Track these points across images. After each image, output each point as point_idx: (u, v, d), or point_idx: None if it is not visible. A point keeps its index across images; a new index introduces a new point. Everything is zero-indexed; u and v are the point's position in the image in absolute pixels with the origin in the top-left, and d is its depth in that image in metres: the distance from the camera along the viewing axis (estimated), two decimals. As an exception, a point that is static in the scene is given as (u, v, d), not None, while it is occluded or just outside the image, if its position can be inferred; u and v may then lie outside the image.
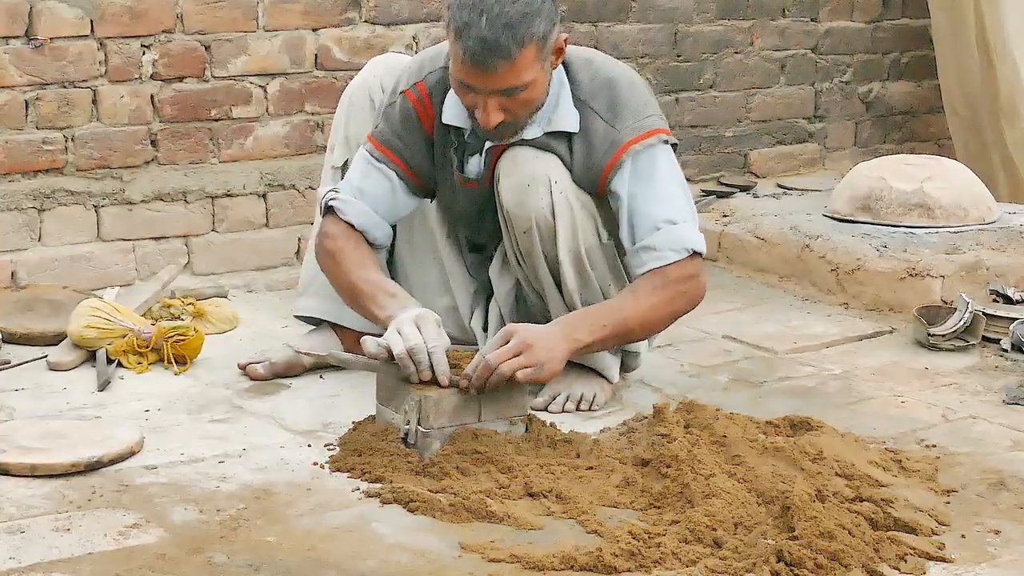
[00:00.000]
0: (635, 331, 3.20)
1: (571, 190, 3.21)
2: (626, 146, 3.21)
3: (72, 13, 3.96)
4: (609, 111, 3.22)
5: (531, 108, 3.15)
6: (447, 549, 2.56)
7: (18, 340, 3.65)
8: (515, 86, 3.05)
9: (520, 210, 3.20)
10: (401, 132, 3.32)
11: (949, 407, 3.38)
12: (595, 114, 3.22)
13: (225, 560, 2.49)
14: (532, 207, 3.19)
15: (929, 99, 5.63)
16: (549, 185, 3.18)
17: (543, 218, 3.19)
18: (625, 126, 3.21)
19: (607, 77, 3.26)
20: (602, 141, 3.21)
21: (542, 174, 3.18)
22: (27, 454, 2.87)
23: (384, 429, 2.98)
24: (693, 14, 5.07)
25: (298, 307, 3.60)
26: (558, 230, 3.20)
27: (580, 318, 3.16)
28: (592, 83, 3.25)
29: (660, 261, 3.19)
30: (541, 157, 3.21)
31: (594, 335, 3.12)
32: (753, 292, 4.37)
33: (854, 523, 2.61)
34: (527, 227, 3.21)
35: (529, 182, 3.18)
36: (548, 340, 3.04)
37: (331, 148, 3.57)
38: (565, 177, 3.21)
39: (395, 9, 4.42)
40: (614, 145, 3.20)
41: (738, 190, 4.99)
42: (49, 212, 4.01)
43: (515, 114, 3.13)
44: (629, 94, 3.25)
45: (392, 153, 3.32)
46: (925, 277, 4.12)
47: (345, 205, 3.30)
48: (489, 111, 3.08)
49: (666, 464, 2.81)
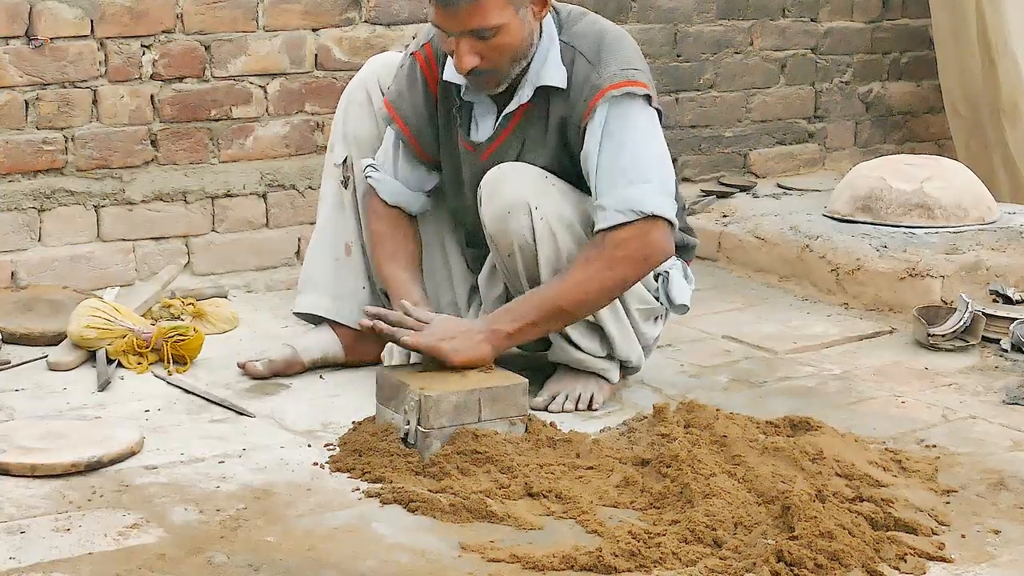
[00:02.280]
0: (568, 309, 3.15)
1: (553, 213, 3.18)
2: (604, 91, 3.15)
3: (72, 13, 3.96)
4: (594, 55, 3.19)
5: (508, 55, 3.13)
6: (447, 549, 2.56)
7: (18, 340, 3.65)
8: (483, 27, 3.07)
9: (502, 236, 3.20)
10: (407, 93, 3.37)
11: (949, 407, 3.38)
12: (581, 56, 3.19)
13: (225, 560, 2.49)
14: (513, 233, 3.18)
15: (929, 99, 5.63)
16: (529, 212, 3.16)
17: (525, 244, 3.18)
18: (608, 72, 3.17)
19: (600, 27, 3.26)
20: (583, 85, 3.18)
21: (521, 201, 3.16)
22: (27, 454, 2.87)
23: (384, 429, 2.98)
24: (693, 14, 5.06)
25: (296, 304, 3.61)
26: (539, 253, 3.19)
27: (502, 311, 3.17)
28: (582, 28, 3.24)
29: (605, 222, 3.13)
30: (522, 178, 3.18)
31: (516, 323, 3.12)
32: (753, 292, 4.37)
33: (854, 523, 2.61)
34: (509, 251, 3.21)
35: (509, 209, 3.17)
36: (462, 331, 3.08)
37: (331, 146, 3.59)
38: (547, 199, 3.18)
39: (395, 9, 4.42)
40: (594, 89, 3.16)
41: (738, 190, 4.99)
42: (49, 212, 4.01)
43: (492, 60, 3.12)
44: (618, 44, 3.22)
45: (399, 117, 3.38)
46: (925, 277, 4.12)
47: (380, 184, 3.40)
48: (462, 54, 3.10)
49: (666, 464, 2.81)
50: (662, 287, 3.38)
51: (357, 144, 3.52)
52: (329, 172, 3.59)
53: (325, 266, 3.57)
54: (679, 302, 3.37)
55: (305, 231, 4.30)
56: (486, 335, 3.08)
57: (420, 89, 3.36)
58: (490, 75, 3.16)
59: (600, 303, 3.21)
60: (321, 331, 3.56)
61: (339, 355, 3.54)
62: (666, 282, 3.37)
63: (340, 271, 3.56)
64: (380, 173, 3.41)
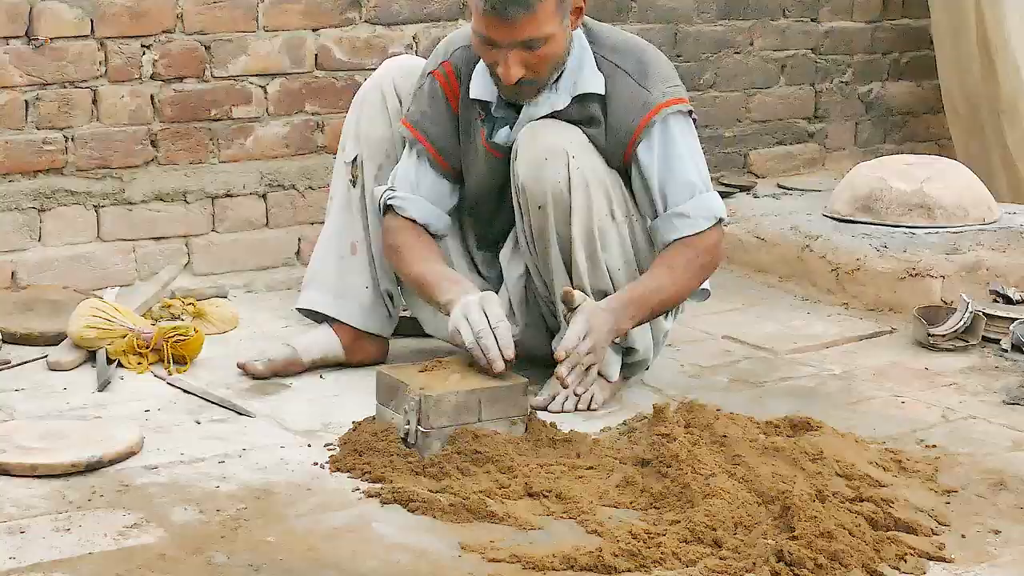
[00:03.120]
0: (668, 307, 3.33)
1: (588, 166, 3.21)
2: (658, 108, 3.24)
3: (72, 13, 3.96)
4: (639, 73, 3.26)
5: (552, 64, 3.18)
6: (447, 549, 2.56)
7: (18, 340, 3.65)
8: (535, 38, 3.10)
9: (536, 184, 3.21)
10: (429, 112, 3.39)
11: (949, 407, 3.38)
12: (624, 73, 3.26)
13: (225, 560, 2.49)
14: (548, 180, 3.19)
15: (929, 99, 5.63)
16: (567, 159, 3.19)
17: (558, 192, 3.20)
18: (657, 89, 3.25)
19: (635, 42, 3.33)
20: (632, 101, 3.24)
21: (560, 148, 3.19)
22: (27, 454, 2.86)
23: (384, 429, 2.98)
24: (693, 14, 5.06)
25: (299, 300, 3.62)
26: (573, 205, 3.20)
27: (626, 305, 3.23)
28: (620, 44, 3.31)
29: (693, 228, 3.27)
30: (561, 130, 3.23)
31: (635, 320, 3.25)
32: (753, 292, 4.37)
33: (854, 523, 2.61)
34: (542, 202, 3.21)
35: (547, 155, 3.19)
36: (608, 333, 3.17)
37: (342, 145, 3.60)
38: (584, 153, 3.22)
39: (395, 9, 4.42)
40: (646, 106, 3.24)
41: (738, 190, 4.99)
42: (49, 212, 4.01)
43: (536, 70, 3.17)
44: (658, 61, 3.32)
45: (421, 134, 3.39)
46: (925, 277, 4.12)
47: (404, 203, 3.39)
48: (510, 65, 3.12)
49: (666, 464, 2.81)
50: None
51: (368, 145, 3.52)
52: (339, 171, 3.59)
53: (330, 264, 3.57)
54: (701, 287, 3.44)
55: (305, 231, 4.31)
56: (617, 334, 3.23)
57: (442, 107, 3.39)
58: (532, 85, 3.21)
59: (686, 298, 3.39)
60: (321, 331, 3.56)
61: (339, 355, 3.54)
62: None
63: (344, 270, 3.56)
64: (403, 193, 3.40)
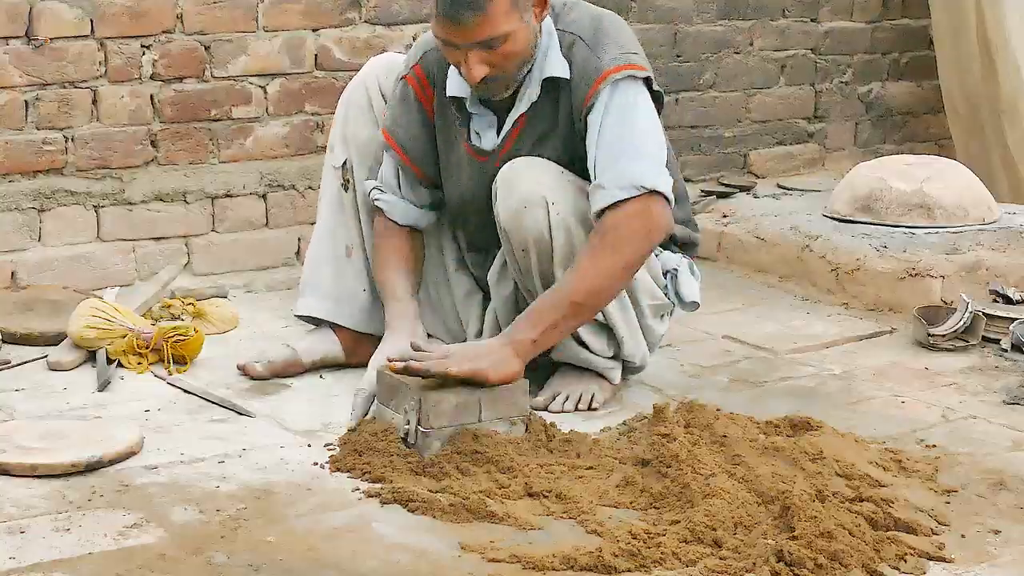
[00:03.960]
0: (586, 303, 3.12)
1: (569, 208, 3.17)
2: (606, 74, 3.17)
3: (72, 13, 3.96)
4: (592, 40, 3.21)
5: (516, 61, 3.15)
6: (447, 549, 2.56)
7: (18, 340, 3.65)
8: (491, 37, 3.08)
9: (517, 232, 3.19)
10: (401, 120, 3.39)
11: (949, 407, 3.38)
12: (580, 41, 3.21)
13: (225, 560, 2.49)
14: (528, 229, 3.17)
15: (929, 99, 5.63)
16: (546, 207, 3.15)
17: (540, 239, 3.17)
18: (608, 55, 3.19)
19: (596, 12, 3.28)
20: (586, 69, 3.20)
21: (538, 197, 3.15)
22: (27, 454, 2.86)
23: (384, 429, 2.98)
24: (693, 14, 5.06)
25: (297, 306, 3.61)
26: (555, 249, 3.18)
27: (519, 319, 3.12)
28: (577, 15, 3.26)
29: (604, 200, 3.11)
30: (537, 174, 3.18)
31: (537, 328, 3.07)
32: (753, 292, 4.37)
33: (854, 523, 2.60)
34: (524, 247, 3.20)
35: (525, 204, 3.16)
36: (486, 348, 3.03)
37: (331, 148, 3.59)
38: (563, 194, 3.18)
39: (395, 9, 4.42)
40: (595, 72, 3.18)
41: (738, 190, 4.99)
42: (49, 212, 4.01)
43: (500, 67, 3.14)
44: (616, 29, 3.24)
45: (396, 144, 3.40)
46: (925, 277, 4.12)
47: (388, 205, 3.44)
48: (471, 65, 3.11)
49: (666, 464, 2.81)
50: (671, 285, 3.39)
51: (356, 146, 3.52)
52: (328, 174, 3.59)
53: (326, 268, 3.56)
54: (689, 299, 3.39)
55: (305, 231, 4.31)
56: (512, 348, 3.04)
57: (415, 112, 3.38)
58: (499, 82, 3.18)
59: (613, 290, 3.17)
60: (322, 333, 3.56)
61: (339, 357, 3.53)
62: (675, 280, 3.38)
63: (341, 273, 3.56)
64: (387, 195, 3.44)
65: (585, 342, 3.29)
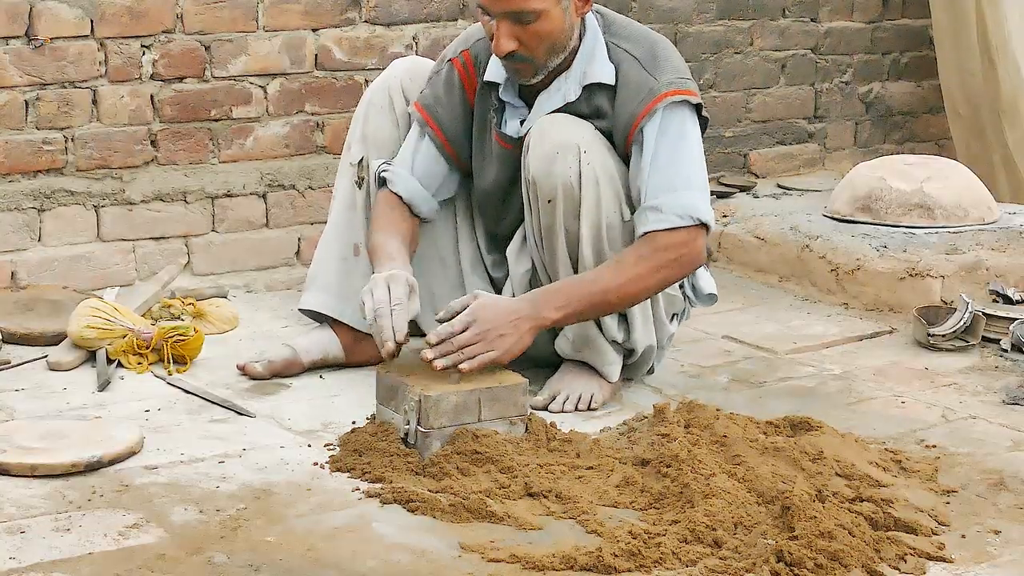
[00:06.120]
0: (613, 302, 3.19)
1: (599, 163, 3.20)
2: (663, 96, 3.22)
3: (72, 13, 3.96)
4: (650, 62, 3.25)
5: (547, 45, 3.17)
6: (447, 549, 2.56)
7: (18, 340, 3.65)
8: (522, 10, 3.11)
9: (546, 178, 3.20)
10: (443, 99, 3.40)
11: (949, 407, 3.38)
12: (635, 61, 3.25)
13: (225, 560, 2.49)
14: (559, 175, 3.18)
15: (929, 99, 5.63)
16: (579, 154, 3.18)
17: (569, 187, 3.19)
18: (664, 77, 3.23)
19: (650, 33, 3.32)
20: (639, 88, 3.23)
21: (572, 142, 3.18)
22: (27, 454, 2.87)
23: (384, 429, 2.98)
24: (693, 14, 5.06)
25: (301, 300, 3.62)
26: (583, 200, 3.20)
27: (551, 294, 3.16)
28: (634, 34, 3.30)
29: (661, 224, 3.18)
30: (573, 125, 3.22)
31: (563, 311, 3.12)
32: (753, 292, 4.37)
33: (854, 523, 2.61)
34: (551, 196, 3.20)
35: (559, 149, 3.18)
36: (510, 323, 3.05)
37: (348, 146, 3.60)
38: (596, 149, 3.21)
39: (395, 9, 4.42)
40: (652, 93, 3.22)
41: (738, 190, 4.99)
42: (49, 212, 4.01)
43: (529, 47, 3.16)
44: (672, 54, 3.30)
45: (432, 120, 3.41)
46: (925, 277, 4.12)
47: (395, 177, 3.41)
48: (501, 36, 3.13)
49: (666, 464, 2.81)
50: (688, 280, 3.41)
51: (376, 146, 3.52)
52: (344, 171, 3.59)
53: (332, 265, 3.57)
54: (707, 291, 3.43)
55: (305, 231, 4.31)
56: (533, 323, 3.09)
57: (457, 95, 3.40)
58: (526, 63, 3.20)
59: (639, 301, 3.26)
60: (322, 331, 3.56)
61: (339, 356, 3.54)
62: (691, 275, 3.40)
63: (347, 271, 3.56)
64: (396, 168, 3.43)
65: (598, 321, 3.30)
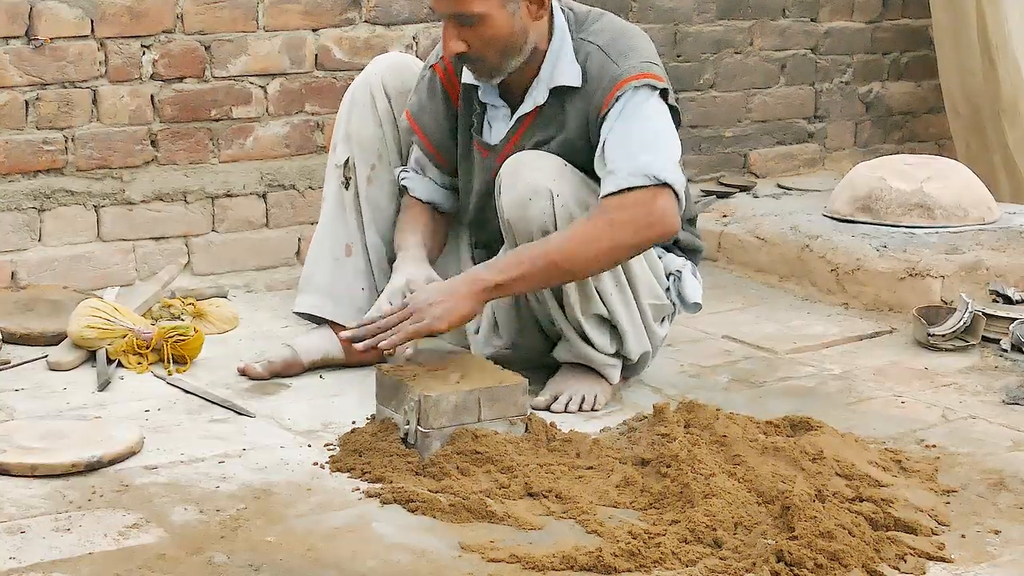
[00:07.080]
0: (562, 265, 3.09)
1: (573, 200, 3.18)
2: (625, 81, 3.18)
3: (72, 13, 3.96)
4: (611, 47, 3.22)
5: (495, 47, 3.17)
6: (447, 549, 2.56)
7: (18, 340, 3.65)
8: (463, 13, 3.12)
9: (521, 222, 3.19)
10: (427, 105, 3.42)
11: (949, 407, 3.38)
12: (599, 50, 3.22)
13: (225, 560, 2.49)
14: (534, 220, 3.17)
15: (929, 99, 5.63)
16: (551, 198, 3.16)
17: (545, 230, 3.17)
18: (626, 63, 3.20)
19: (620, 24, 3.30)
20: (602, 78, 3.20)
21: (543, 186, 3.16)
22: (27, 454, 2.87)
23: (384, 429, 2.98)
24: (693, 14, 5.07)
25: (296, 304, 3.62)
26: None
27: (495, 259, 3.18)
28: (600, 26, 3.27)
29: (615, 185, 3.10)
30: (542, 165, 3.19)
31: (507, 273, 3.09)
32: (753, 292, 4.37)
33: (854, 523, 2.61)
34: (528, 238, 3.19)
35: (531, 196, 3.16)
36: (444, 292, 3.07)
37: (333, 146, 3.59)
38: (567, 184, 3.18)
39: (395, 9, 4.42)
40: (613, 80, 3.18)
41: (738, 190, 4.99)
42: (49, 212, 4.01)
43: (477, 49, 3.16)
44: (636, 40, 3.26)
45: (419, 127, 3.43)
46: (925, 277, 4.12)
47: (412, 183, 3.47)
48: (446, 37, 3.16)
49: (666, 464, 2.81)
50: (674, 286, 3.40)
51: (360, 145, 3.52)
52: (331, 172, 3.59)
53: (325, 266, 3.57)
54: (692, 300, 3.41)
55: (305, 231, 4.31)
56: (472, 287, 3.07)
57: (440, 100, 3.41)
58: (478, 63, 3.21)
59: (596, 264, 3.13)
60: (321, 332, 3.56)
61: (339, 356, 3.53)
62: (678, 281, 3.39)
63: (340, 272, 3.56)
64: (412, 174, 3.48)
65: (589, 337, 3.29)
